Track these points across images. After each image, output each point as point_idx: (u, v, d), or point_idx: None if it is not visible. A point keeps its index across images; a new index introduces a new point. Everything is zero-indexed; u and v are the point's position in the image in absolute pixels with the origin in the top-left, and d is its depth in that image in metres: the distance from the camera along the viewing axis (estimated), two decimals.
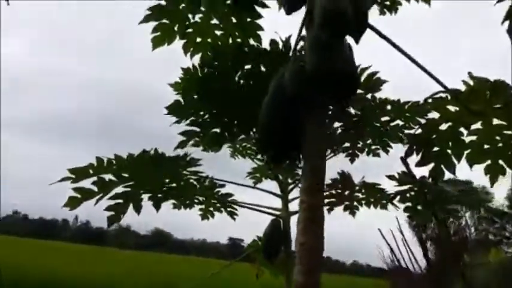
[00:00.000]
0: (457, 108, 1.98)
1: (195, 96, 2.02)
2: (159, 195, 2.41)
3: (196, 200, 3.49)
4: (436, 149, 2.28)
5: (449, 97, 1.88)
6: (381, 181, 3.19)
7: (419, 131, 2.35)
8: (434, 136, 2.07)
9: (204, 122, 2.08)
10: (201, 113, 2.16)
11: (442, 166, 2.18)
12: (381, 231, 5.10)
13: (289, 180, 3.01)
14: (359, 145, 2.88)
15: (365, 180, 3.44)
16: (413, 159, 1.94)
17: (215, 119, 2.22)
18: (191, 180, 2.99)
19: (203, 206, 3.50)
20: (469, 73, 1.97)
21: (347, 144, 2.88)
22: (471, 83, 1.91)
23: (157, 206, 2.45)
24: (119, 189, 2.27)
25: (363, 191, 3.55)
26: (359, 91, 2.89)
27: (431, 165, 2.28)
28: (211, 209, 3.53)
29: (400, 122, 2.64)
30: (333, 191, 3.57)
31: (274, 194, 2.91)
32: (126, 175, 2.21)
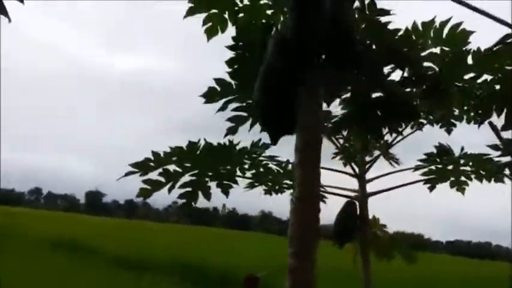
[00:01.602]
0: None
1: (231, 81, 2.00)
2: (226, 182, 2.47)
3: (285, 185, 3.50)
4: None
5: None
6: None
7: (498, 86, 1.94)
8: None
9: (248, 105, 2.04)
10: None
11: None
12: None
13: (366, 159, 2.78)
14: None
15: (467, 151, 2.99)
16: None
17: None
18: (270, 165, 3.01)
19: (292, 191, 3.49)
20: None
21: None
22: None
23: (226, 193, 2.52)
24: (186, 178, 2.40)
25: (471, 163, 3.09)
26: (442, 48, 2.50)
27: None
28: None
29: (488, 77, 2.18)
30: (432, 167, 3.19)
31: (350, 174, 2.72)
32: (189, 165, 2.32)
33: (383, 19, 2.11)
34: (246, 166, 2.80)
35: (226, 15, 2.35)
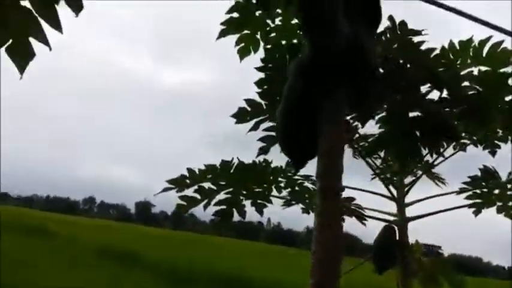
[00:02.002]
0: None
1: (260, 101, 2.05)
2: (260, 201, 2.51)
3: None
4: None
5: None
6: None
7: None
8: None
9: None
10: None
11: None
12: None
13: (405, 182, 2.71)
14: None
15: None
16: None
17: None
18: (305, 184, 3.01)
19: None
20: None
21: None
22: None
23: (260, 212, 2.55)
24: (221, 196, 2.47)
25: None
26: (480, 68, 2.43)
27: None
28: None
29: None
30: (477, 191, 3.06)
31: (387, 197, 2.66)
32: (223, 183, 2.39)
33: (416, 38, 2.09)
34: (282, 184, 2.83)
35: (258, 36, 2.41)
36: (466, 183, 2.96)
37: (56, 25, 1.24)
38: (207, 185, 2.40)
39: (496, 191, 2.99)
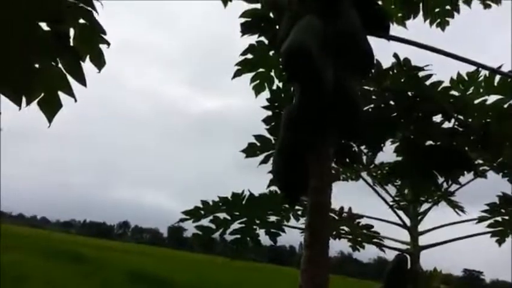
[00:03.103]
0: None
1: (269, 136, 2.14)
2: (273, 231, 2.57)
3: (342, 231, 3.50)
4: None
5: None
6: None
7: None
8: None
9: None
10: None
11: None
12: None
13: (419, 210, 2.70)
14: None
15: None
16: None
17: None
18: None
19: (350, 237, 3.49)
20: None
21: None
22: None
23: (274, 241, 2.61)
24: (236, 225, 2.55)
25: None
26: (497, 96, 2.44)
27: None
28: (360, 239, 3.47)
29: None
30: (498, 218, 2.99)
31: (400, 225, 2.66)
32: (237, 213, 2.47)
33: (421, 73, 2.14)
34: (299, 212, 2.89)
35: (272, 73, 2.53)
36: (484, 211, 2.91)
37: (82, 80, 1.40)
38: (222, 215, 2.49)
39: None
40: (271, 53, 2.47)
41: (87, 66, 1.48)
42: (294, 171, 1.30)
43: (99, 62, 1.47)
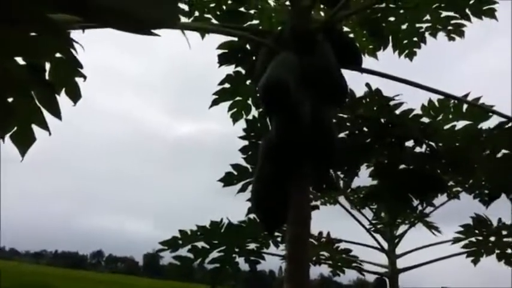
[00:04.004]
0: None
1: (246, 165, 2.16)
2: (253, 258, 2.54)
3: (322, 257, 3.50)
4: None
5: None
6: None
7: None
8: None
9: None
10: None
11: None
12: None
13: (396, 233, 2.75)
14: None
15: (504, 222, 2.88)
16: None
17: None
18: None
19: (330, 262, 3.49)
20: None
21: None
22: None
23: (253, 268, 2.59)
24: (215, 254, 2.52)
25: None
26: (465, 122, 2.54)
27: None
28: (339, 264, 3.47)
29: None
30: (473, 239, 3.07)
31: (377, 248, 2.69)
32: (216, 242, 2.45)
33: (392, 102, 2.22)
34: (279, 239, 2.88)
35: (249, 101, 2.57)
36: (459, 232, 2.99)
37: (56, 113, 1.38)
38: (200, 244, 2.45)
39: (492, 239, 3.01)
40: (248, 82, 2.51)
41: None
42: (273, 200, 1.31)
43: (74, 95, 1.47)
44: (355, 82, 1.92)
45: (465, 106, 2.50)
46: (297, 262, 1.22)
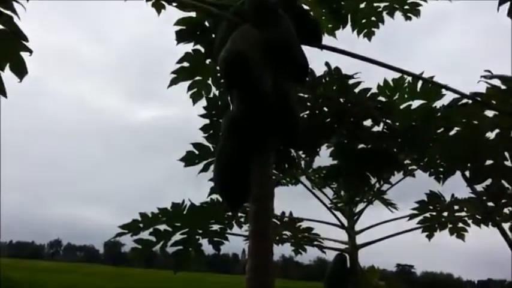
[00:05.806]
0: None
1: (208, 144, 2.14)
2: (216, 239, 2.54)
3: (285, 236, 3.55)
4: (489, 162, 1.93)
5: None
6: None
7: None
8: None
9: None
10: None
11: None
12: None
13: (355, 210, 2.83)
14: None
15: (457, 197, 3.02)
16: None
17: None
18: None
19: (293, 241, 3.54)
20: (501, 77, 1.67)
21: None
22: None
23: (217, 249, 2.59)
24: (178, 236, 2.49)
25: (465, 208, 3.11)
26: (417, 102, 2.62)
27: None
28: (302, 242, 3.54)
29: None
30: (427, 214, 3.21)
31: (338, 225, 2.77)
32: (178, 224, 2.42)
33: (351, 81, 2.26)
34: (242, 220, 2.89)
35: (209, 81, 2.52)
36: (414, 209, 3.11)
37: (1, 90, 1.29)
38: (162, 227, 2.42)
39: (445, 213, 3.16)
40: (207, 61, 2.45)
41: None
42: (236, 178, 1.30)
43: (20, 70, 1.35)
44: (315, 61, 1.93)
45: (419, 85, 2.58)
46: (261, 237, 1.22)
